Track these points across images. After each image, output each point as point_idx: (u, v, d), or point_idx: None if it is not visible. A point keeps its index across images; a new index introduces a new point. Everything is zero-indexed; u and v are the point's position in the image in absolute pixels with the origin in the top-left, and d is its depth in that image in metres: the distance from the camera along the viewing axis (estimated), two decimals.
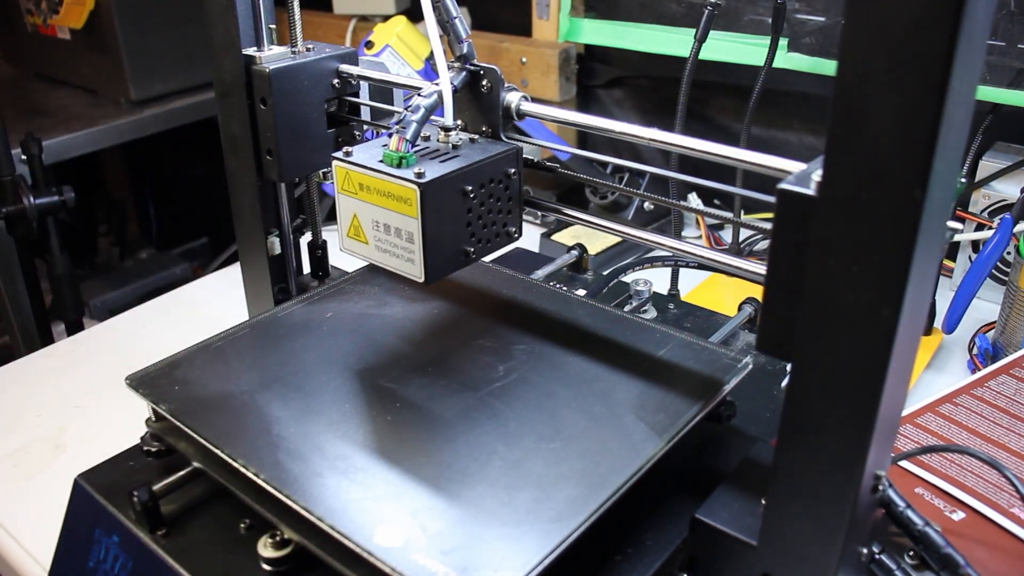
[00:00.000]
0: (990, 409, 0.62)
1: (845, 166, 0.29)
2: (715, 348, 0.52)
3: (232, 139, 0.63)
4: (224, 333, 0.54)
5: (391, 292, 0.59)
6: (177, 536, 0.46)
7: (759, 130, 1.06)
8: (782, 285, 0.33)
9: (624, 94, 1.20)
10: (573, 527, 0.38)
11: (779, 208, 0.33)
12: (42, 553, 0.60)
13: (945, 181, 0.29)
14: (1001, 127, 0.87)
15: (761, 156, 0.42)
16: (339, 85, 0.62)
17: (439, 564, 0.36)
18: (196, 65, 1.40)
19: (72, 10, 1.36)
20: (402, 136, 0.47)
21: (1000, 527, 0.51)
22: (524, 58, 1.17)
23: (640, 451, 0.43)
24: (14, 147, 1.12)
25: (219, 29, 0.60)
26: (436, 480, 0.41)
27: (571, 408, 0.46)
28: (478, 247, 0.50)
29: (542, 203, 0.55)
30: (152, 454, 0.51)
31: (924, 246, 0.29)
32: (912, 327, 0.31)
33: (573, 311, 0.56)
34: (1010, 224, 0.75)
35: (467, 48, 0.51)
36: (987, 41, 0.76)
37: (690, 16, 1.02)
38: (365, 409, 0.47)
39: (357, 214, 0.50)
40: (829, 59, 0.90)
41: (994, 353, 0.77)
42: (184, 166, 1.70)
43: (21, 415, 0.75)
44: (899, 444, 0.59)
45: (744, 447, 0.50)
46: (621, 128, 0.48)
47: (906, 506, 0.41)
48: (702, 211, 0.50)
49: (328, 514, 0.39)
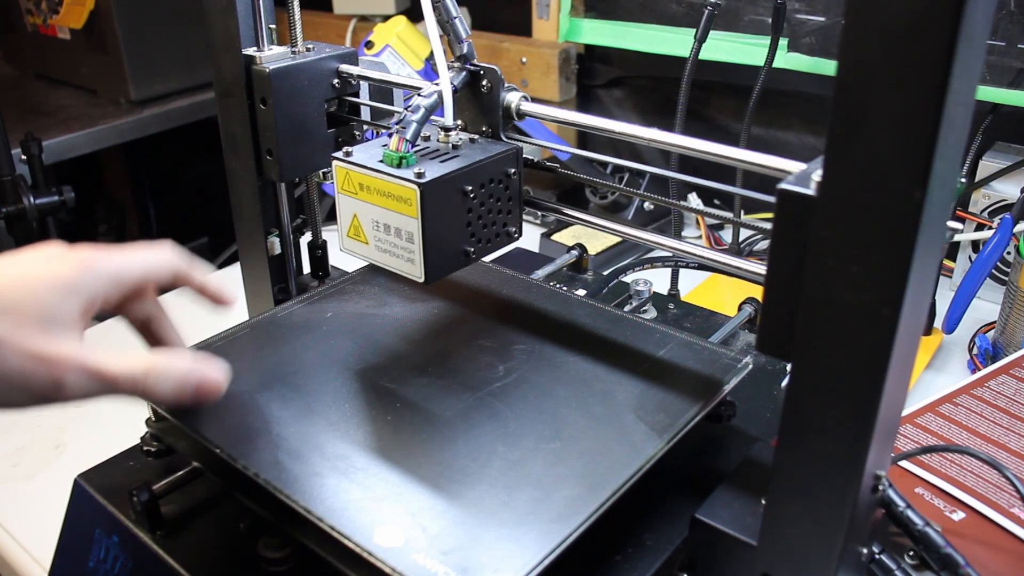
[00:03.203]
0: (990, 409, 0.62)
1: (845, 166, 0.29)
2: (715, 348, 0.52)
3: (232, 139, 0.63)
4: (224, 333, 0.54)
5: (391, 292, 0.59)
6: (177, 536, 0.46)
7: (759, 130, 1.06)
8: (782, 285, 0.33)
9: (624, 94, 1.20)
10: (573, 527, 0.38)
11: (779, 208, 0.33)
12: (42, 553, 0.60)
13: (945, 181, 0.29)
14: (1001, 127, 0.87)
15: (761, 156, 0.42)
16: (339, 85, 0.62)
17: (439, 564, 0.36)
18: (196, 65, 1.40)
19: (72, 10, 1.36)
20: (402, 136, 0.47)
21: (1000, 527, 0.51)
22: (524, 58, 1.17)
23: (640, 451, 0.43)
24: (14, 147, 1.12)
25: (219, 29, 0.60)
26: (436, 480, 0.41)
27: (571, 408, 0.46)
28: (478, 247, 0.50)
29: (542, 203, 0.55)
30: (152, 454, 0.51)
31: (924, 246, 0.29)
32: (912, 327, 0.31)
33: (573, 311, 0.56)
34: (1010, 224, 0.75)
35: (467, 48, 0.51)
36: (987, 41, 0.76)
37: (690, 16, 1.02)
38: (365, 409, 0.47)
39: (357, 214, 0.50)
40: (829, 59, 0.90)
41: (994, 353, 0.77)
42: (184, 166, 1.70)
43: (21, 415, 0.75)
44: (899, 444, 0.59)
45: (744, 447, 0.50)
46: (621, 128, 0.48)
47: (906, 506, 0.41)
48: (702, 211, 0.50)
49: (328, 514, 0.39)
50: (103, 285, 0.41)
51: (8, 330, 0.37)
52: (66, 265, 0.40)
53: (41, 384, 0.37)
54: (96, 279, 0.41)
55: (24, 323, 0.37)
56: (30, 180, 1.13)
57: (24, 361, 0.37)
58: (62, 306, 0.39)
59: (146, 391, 0.41)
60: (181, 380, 0.42)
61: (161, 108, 1.37)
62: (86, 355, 0.38)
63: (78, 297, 0.40)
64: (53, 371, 0.37)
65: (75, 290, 0.40)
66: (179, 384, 0.42)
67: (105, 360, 0.39)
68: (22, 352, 0.37)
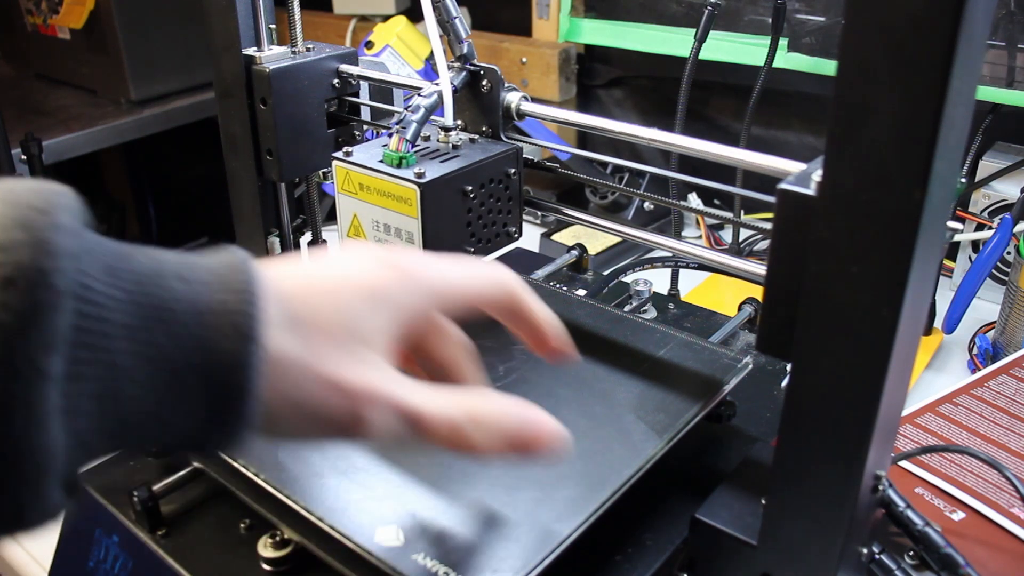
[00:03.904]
0: (990, 409, 0.62)
1: (845, 166, 0.29)
2: (715, 348, 0.52)
3: (232, 139, 0.63)
4: None
5: None
6: (177, 536, 0.46)
7: (759, 130, 1.06)
8: (782, 285, 0.33)
9: (624, 94, 1.20)
10: (573, 527, 0.38)
11: (779, 208, 0.33)
12: (42, 553, 0.60)
13: (945, 181, 0.29)
14: (1001, 127, 0.87)
15: (761, 156, 0.42)
16: (339, 85, 0.62)
17: (439, 564, 0.36)
18: (196, 65, 1.40)
19: (72, 10, 1.36)
20: (402, 136, 0.47)
21: (1000, 527, 0.51)
22: (524, 58, 1.17)
23: (640, 451, 0.43)
24: (14, 147, 1.11)
25: (219, 29, 0.60)
26: (436, 480, 0.41)
27: (571, 408, 0.46)
28: (478, 247, 0.50)
29: (542, 203, 0.55)
30: (152, 454, 0.51)
31: (924, 246, 0.29)
32: (912, 327, 0.31)
33: (573, 311, 0.56)
34: (1010, 224, 0.75)
35: (467, 48, 0.51)
36: (987, 41, 0.76)
37: (690, 16, 1.02)
38: None
39: (357, 214, 0.50)
40: (829, 59, 0.90)
41: (994, 353, 0.77)
42: (184, 166, 1.70)
43: None
44: (899, 444, 0.59)
45: (744, 447, 0.50)
46: (621, 128, 0.48)
47: (906, 506, 0.41)
48: (702, 211, 0.50)
49: (328, 514, 0.39)
50: (423, 301, 0.33)
51: (302, 348, 0.29)
52: (381, 271, 0.32)
53: (338, 418, 0.30)
54: (418, 291, 0.33)
55: (323, 340, 0.29)
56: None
57: (319, 388, 0.29)
58: (371, 321, 0.31)
59: (466, 442, 0.32)
60: (513, 434, 0.33)
61: (161, 108, 1.36)
62: (395, 388, 0.31)
63: (393, 312, 0.31)
64: (354, 405, 0.30)
65: (390, 303, 0.31)
66: (508, 438, 0.33)
67: (420, 398, 0.31)
68: (319, 378, 0.29)
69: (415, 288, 0.32)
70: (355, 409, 0.30)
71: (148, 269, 0.26)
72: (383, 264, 0.32)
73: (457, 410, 0.32)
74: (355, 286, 0.31)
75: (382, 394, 0.30)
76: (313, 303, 0.30)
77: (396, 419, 0.31)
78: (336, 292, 0.31)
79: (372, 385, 0.30)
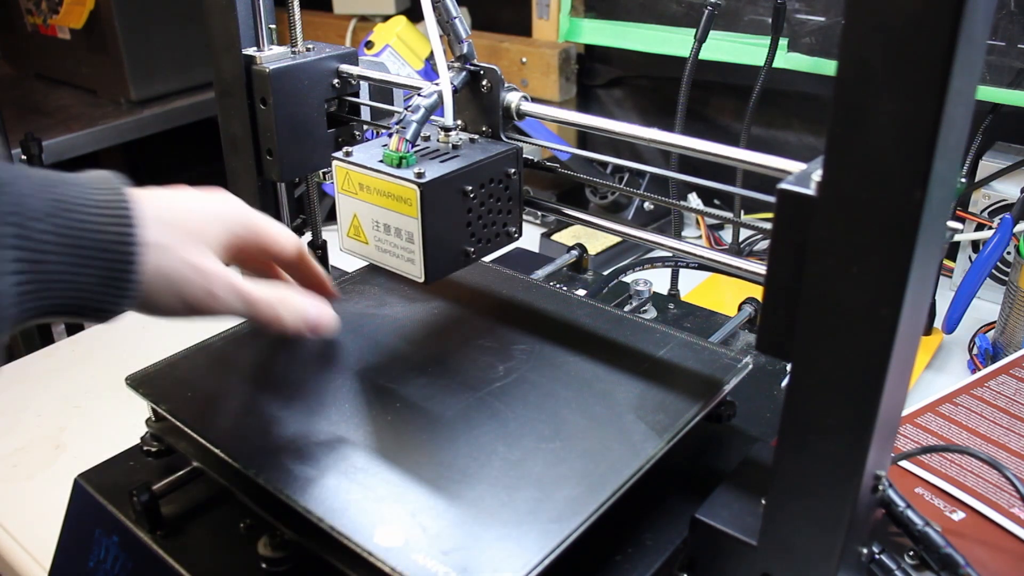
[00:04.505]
0: (990, 409, 0.62)
1: (845, 166, 0.29)
2: (715, 348, 0.52)
3: (232, 139, 0.63)
4: (224, 333, 0.54)
5: (391, 292, 0.59)
6: (177, 536, 0.46)
7: (759, 130, 1.06)
8: (782, 285, 0.33)
9: (624, 94, 1.20)
10: (573, 527, 0.38)
11: (779, 208, 0.33)
12: (42, 553, 0.60)
13: (945, 181, 0.29)
14: (1001, 127, 0.87)
15: (761, 156, 0.42)
16: (339, 85, 0.62)
17: (439, 564, 0.36)
18: (196, 65, 1.40)
19: (72, 10, 1.36)
20: (402, 136, 0.47)
21: (1000, 527, 0.51)
22: (524, 58, 1.17)
23: (640, 451, 0.43)
24: (14, 147, 1.12)
25: (219, 29, 0.60)
26: (436, 480, 0.41)
27: (571, 408, 0.46)
28: (478, 247, 0.50)
29: (542, 203, 0.55)
30: (152, 454, 0.51)
31: (924, 246, 0.29)
32: (912, 327, 0.31)
33: (573, 311, 0.56)
34: (1010, 224, 0.75)
35: (467, 48, 0.51)
36: (987, 41, 0.76)
37: (690, 16, 1.02)
38: (365, 409, 0.47)
39: (357, 214, 0.50)
40: (829, 59, 0.90)
41: (994, 353, 0.77)
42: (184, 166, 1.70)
43: (21, 415, 0.75)
44: (899, 444, 0.59)
45: (744, 447, 0.50)
46: (621, 128, 0.48)
47: (906, 506, 0.41)
48: (702, 211, 0.50)
49: (328, 514, 0.39)
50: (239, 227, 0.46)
51: (171, 238, 0.41)
52: (216, 200, 0.45)
53: (196, 292, 0.41)
54: (237, 218, 0.46)
55: (185, 237, 0.41)
56: None
57: (183, 267, 0.41)
58: (212, 231, 0.43)
59: (277, 318, 0.45)
60: (307, 314, 0.47)
61: (161, 108, 1.37)
62: (233, 275, 0.44)
63: (224, 227, 0.44)
64: (208, 282, 0.42)
65: (222, 221, 0.44)
66: (306, 320, 0.47)
67: (248, 284, 0.44)
68: (183, 259, 0.41)
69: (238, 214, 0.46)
70: (209, 287, 0.42)
71: (49, 180, 0.38)
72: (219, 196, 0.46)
73: (274, 295, 0.46)
74: (205, 207, 0.44)
75: (227, 278, 0.43)
76: (174, 211, 0.42)
77: (236, 296, 0.43)
78: (193, 210, 0.43)
79: (220, 270, 0.43)
